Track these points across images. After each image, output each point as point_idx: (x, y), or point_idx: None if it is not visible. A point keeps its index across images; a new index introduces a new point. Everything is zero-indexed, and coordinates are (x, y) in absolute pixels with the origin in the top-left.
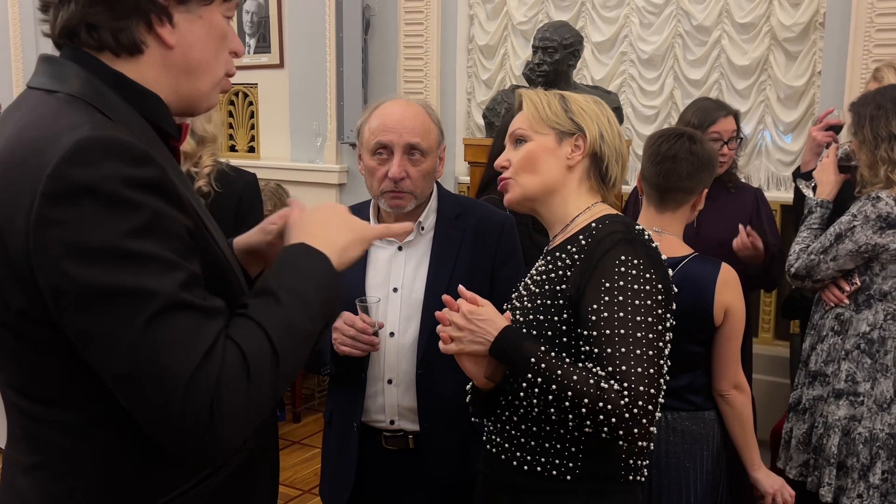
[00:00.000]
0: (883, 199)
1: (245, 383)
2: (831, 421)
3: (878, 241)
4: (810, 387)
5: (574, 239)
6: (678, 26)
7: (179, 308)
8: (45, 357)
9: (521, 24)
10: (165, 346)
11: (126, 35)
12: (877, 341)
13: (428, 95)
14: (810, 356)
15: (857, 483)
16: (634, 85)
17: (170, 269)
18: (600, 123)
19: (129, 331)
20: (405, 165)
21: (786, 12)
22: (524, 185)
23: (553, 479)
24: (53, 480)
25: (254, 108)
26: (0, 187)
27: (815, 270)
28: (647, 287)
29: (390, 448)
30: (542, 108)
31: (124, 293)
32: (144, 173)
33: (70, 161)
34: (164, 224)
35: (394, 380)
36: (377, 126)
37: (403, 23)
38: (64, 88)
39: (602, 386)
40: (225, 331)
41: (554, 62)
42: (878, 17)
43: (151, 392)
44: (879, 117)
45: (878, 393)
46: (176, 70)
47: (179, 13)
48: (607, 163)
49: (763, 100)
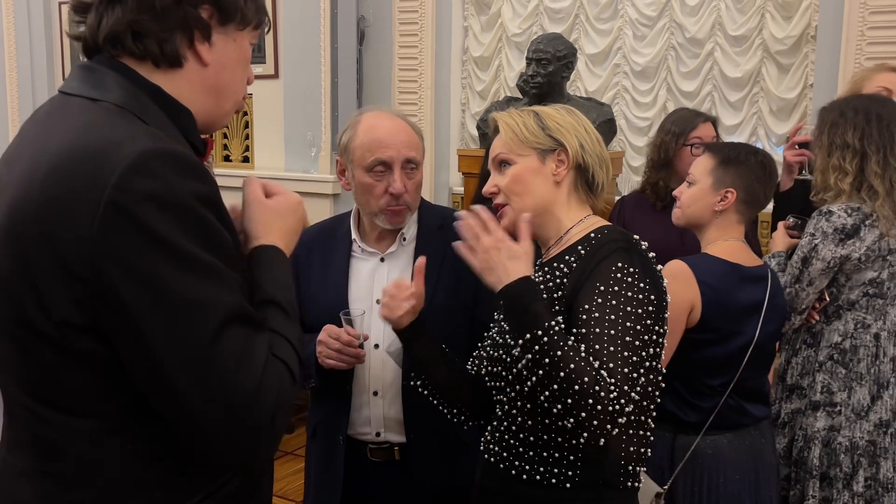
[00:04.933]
0: (835, 212)
1: (293, 395)
2: (811, 433)
3: (842, 253)
4: (788, 400)
5: (572, 250)
6: (671, 39)
7: (241, 321)
8: (80, 367)
9: (515, 35)
10: (233, 360)
11: (170, 46)
12: (849, 350)
13: (422, 106)
14: (786, 370)
15: (842, 492)
16: (628, 97)
17: (230, 280)
18: (578, 134)
19: (198, 342)
20: (404, 180)
21: (778, 25)
22: (518, 208)
23: (552, 488)
24: (63, 489)
25: (248, 118)
26: (51, 193)
27: (797, 301)
28: (639, 296)
29: (375, 460)
30: (520, 129)
31: (194, 303)
32: (203, 188)
33: (136, 171)
34: (221, 237)
35: (379, 391)
36: (370, 141)
37: (398, 34)
38: (107, 97)
39: (601, 373)
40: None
41: (547, 74)
42: (870, 30)
43: (221, 407)
44: (839, 125)
45: (855, 401)
46: (207, 88)
47: (218, 33)
48: (592, 171)
49: (755, 112)
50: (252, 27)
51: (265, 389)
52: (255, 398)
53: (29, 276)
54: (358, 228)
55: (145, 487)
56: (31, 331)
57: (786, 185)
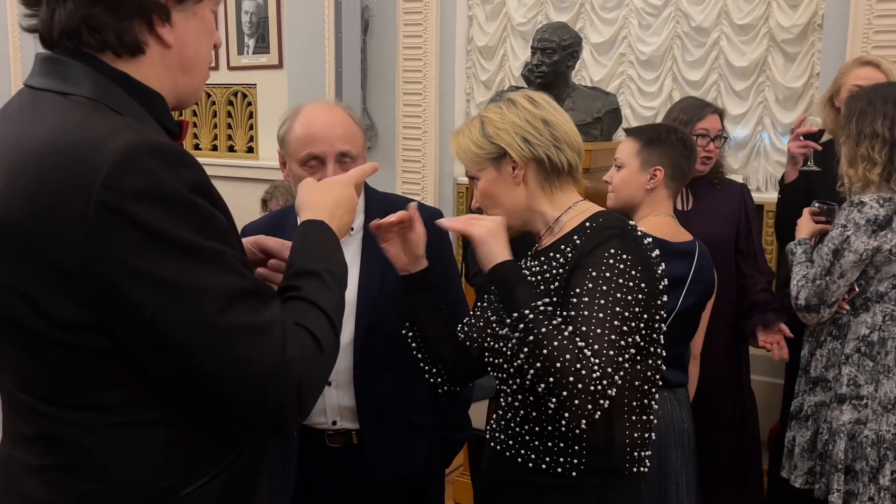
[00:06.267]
0: (867, 202)
1: (321, 364)
2: (836, 426)
3: (874, 245)
4: (811, 393)
5: (567, 239)
6: (677, 27)
7: (250, 296)
8: (82, 363)
9: (520, 25)
10: (249, 333)
11: (129, 36)
12: (877, 343)
13: (426, 96)
14: (810, 362)
15: (868, 486)
16: (633, 86)
17: (231, 260)
18: (519, 131)
19: (212, 323)
20: (338, 173)
21: (784, 14)
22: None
23: (559, 476)
24: (71, 482)
25: (252, 109)
26: (36, 197)
27: (826, 294)
28: (630, 283)
29: (334, 446)
30: (468, 147)
31: (201, 288)
32: (191, 176)
33: (122, 169)
34: (217, 221)
35: (333, 381)
36: (304, 135)
37: (402, 23)
38: (78, 91)
39: (585, 352)
40: (288, 315)
41: (553, 63)
42: (877, 18)
43: (244, 386)
44: (867, 114)
45: (882, 394)
46: (173, 68)
47: (177, 12)
48: (550, 159)
49: (761, 101)
50: None
51: (287, 359)
52: (278, 368)
53: (20, 281)
54: None
55: (151, 476)
56: (28, 332)
57: (790, 176)
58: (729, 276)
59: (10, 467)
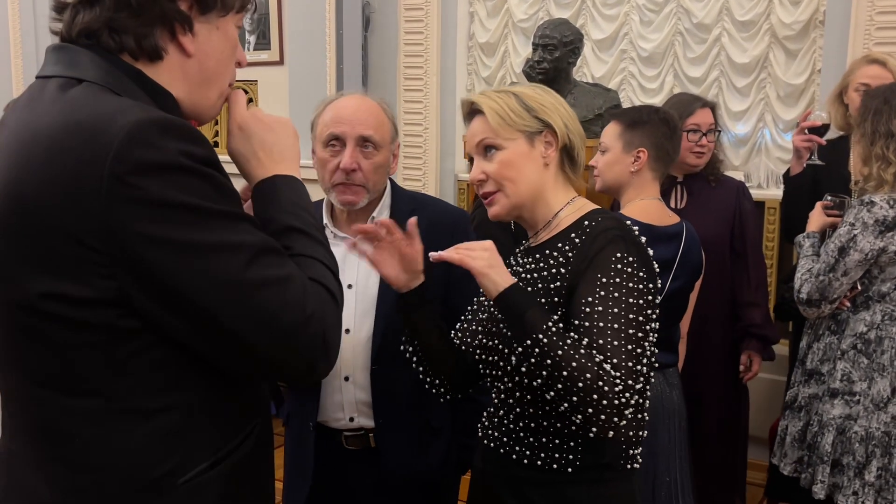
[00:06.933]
0: (877, 202)
1: (336, 313)
2: (826, 419)
3: (880, 245)
4: (806, 385)
5: (564, 236)
6: (678, 24)
7: (272, 252)
8: (89, 346)
9: (521, 21)
10: (274, 286)
11: (149, 41)
12: (874, 341)
13: (427, 92)
14: (807, 354)
15: (853, 481)
16: (634, 82)
17: (248, 220)
18: (561, 114)
19: (237, 280)
20: (357, 157)
21: (786, 10)
22: (511, 195)
23: (554, 472)
24: (73, 473)
25: (253, 105)
26: (48, 174)
27: (829, 290)
28: (639, 286)
29: (351, 448)
30: (506, 112)
31: (222, 247)
32: (201, 150)
33: (132, 142)
34: (227, 187)
35: (351, 377)
36: (330, 118)
37: (403, 20)
38: (87, 76)
39: (605, 367)
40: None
41: (554, 60)
42: (878, 14)
43: (275, 333)
44: (882, 113)
45: (875, 392)
46: (191, 78)
47: (200, 23)
48: (577, 150)
49: (763, 98)
50: (235, 11)
51: (311, 311)
52: (303, 318)
53: (33, 258)
54: (331, 214)
55: (155, 463)
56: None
57: (795, 170)
58: (723, 275)
59: (11, 462)
